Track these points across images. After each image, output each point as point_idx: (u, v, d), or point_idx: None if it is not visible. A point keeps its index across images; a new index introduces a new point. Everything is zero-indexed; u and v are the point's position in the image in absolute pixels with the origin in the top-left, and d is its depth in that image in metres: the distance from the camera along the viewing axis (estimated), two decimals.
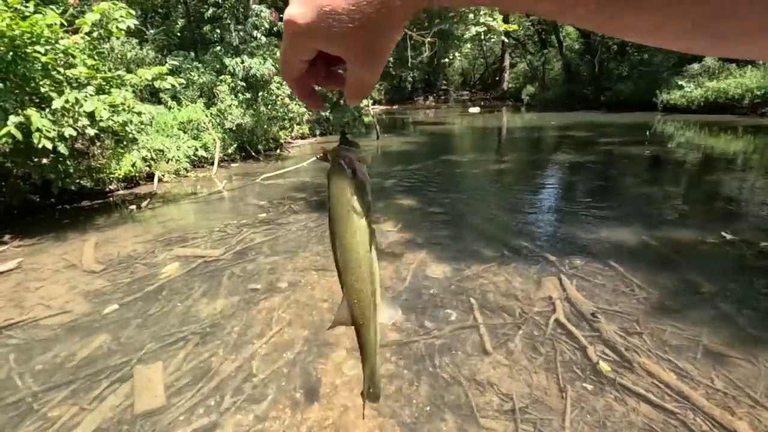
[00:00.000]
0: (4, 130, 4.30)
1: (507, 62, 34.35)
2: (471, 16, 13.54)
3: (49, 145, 4.57)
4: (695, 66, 15.68)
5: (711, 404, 2.02)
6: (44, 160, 5.25)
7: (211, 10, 10.31)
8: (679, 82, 15.75)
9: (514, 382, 2.29)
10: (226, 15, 10.44)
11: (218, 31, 10.59)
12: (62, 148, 4.84)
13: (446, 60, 31.04)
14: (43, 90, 4.71)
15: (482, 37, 15.24)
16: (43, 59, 4.50)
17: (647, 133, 11.50)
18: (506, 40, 18.38)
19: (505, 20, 14.98)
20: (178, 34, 12.61)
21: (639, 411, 2.04)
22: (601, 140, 11.11)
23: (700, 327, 2.67)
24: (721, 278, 3.30)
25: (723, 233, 4.07)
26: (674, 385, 2.16)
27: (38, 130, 4.47)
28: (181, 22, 13.22)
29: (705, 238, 4.05)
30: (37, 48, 4.48)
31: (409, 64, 25.89)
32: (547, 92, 24.52)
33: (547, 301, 3.08)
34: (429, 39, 16.85)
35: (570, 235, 4.38)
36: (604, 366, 2.39)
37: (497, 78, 36.84)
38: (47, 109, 4.75)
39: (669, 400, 2.09)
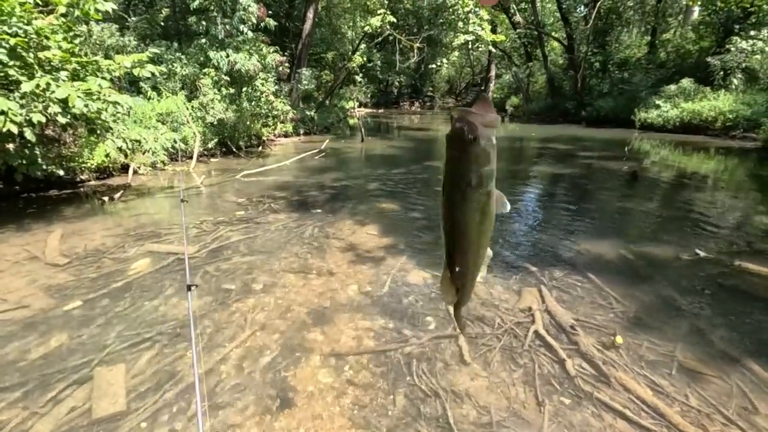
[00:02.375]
0: None
1: (493, 72, 34.86)
2: (460, 24, 13.66)
3: (15, 130, 4.32)
4: (672, 87, 16.22)
5: (686, 422, 2.03)
6: (10, 146, 4.97)
7: (197, 1, 10.05)
8: (657, 102, 16.26)
9: (492, 395, 2.26)
10: (212, 7, 10.20)
11: (204, 23, 10.33)
12: (29, 134, 4.59)
13: (433, 67, 31.26)
14: (11, 72, 4.46)
15: (470, 46, 15.40)
16: (12, 41, 4.26)
17: (626, 149, 11.80)
18: (493, 50, 18.62)
19: (493, 31, 15.18)
20: (162, 23, 12.26)
21: (615, 427, 2.03)
22: (582, 154, 11.34)
23: (675, 343, 2.70)
24: (695, 295, 3.36)
25: (697, 250, 4.16)
26: (650, 401, 2.16)
27: (3, 113, 4.23)
28: (165, 12, 12.86)
29: (680, 255, 4.14)
30: (5, 29, 4.24)
31: (397, 69, 25.96)
32: (530, 104, 24.94)
33: (526, 312, 3.06)
34: (417, 45, 16.94)
35: (550, 245, 4.41)
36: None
37: (482, 87, 37.34)
38: (16, 93, 4.50)
39: (645, 416, 2.08)
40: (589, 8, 20.84)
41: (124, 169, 7.49)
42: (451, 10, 14.92)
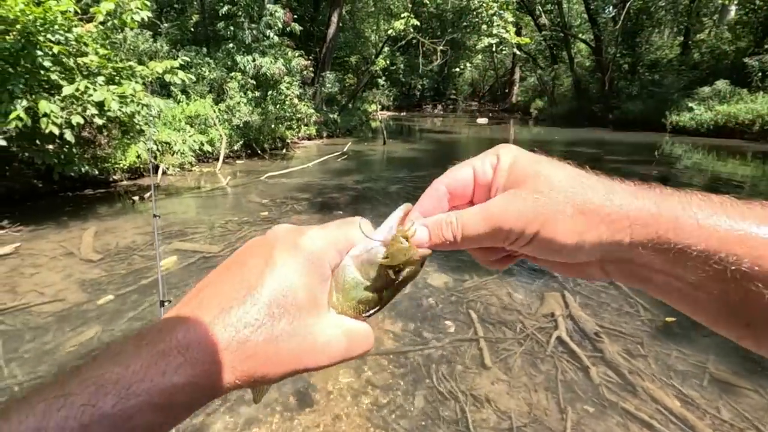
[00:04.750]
0: (14, 114, 4.29)
1: (517, 75, 34.45)
2: (484, 27, 13.57)
3: (56, 131, 4.54)
4: (706, 89, 15.63)
5: None
6: (49, 146, 5.23)
7: (226, 7, 10.35)
8: (689, 104, 15.69)
9: (513, 400, 2.22)
10: (240, 13, 10.48)
11: (232, 28, 10.62)
12: (69, 136, 4.81)
13: (457, 70, 31.16)
14: (53, 77, 4.70)
15: (494, 48, 15.27)
16: (55, 49, 4.49)
17: (656, 153, 11.44)
18: (517, 53, 18.41)
19: (518, 33, 15.01)
20: (192, 29, 12.66)
21: None
22: (608, 158, 11.06)
23: (707, 354, 2.59)
24: None
25: None
26: (679, 412, 2.09)
27: (46, 115, 4.45)
28: (195, 18, 13.28)
29: None
30: (49, 36, 4.47)
31: (420, 72, 26.00)
32: (555, 107, 24.50)
33: (549, 318, 3.01)
34: (441, 48, 16.92)
35: None
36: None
37: (506, 90, 36.94)
38: (57, 96, 4.73)
39: (673, 428, 2.01)
40: (618, 9, 20.34)
41: (154, 169, 7.75)
42: (474, 13, 14.84)
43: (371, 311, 0.37)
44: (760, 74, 14.71)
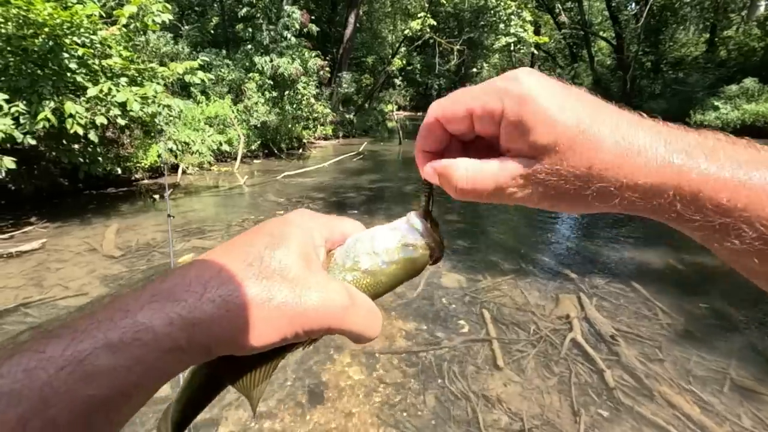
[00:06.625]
0: (41, 115, 4.46)
1: None
2: (502, 26, 13.43)
3: (81, 132, 4.70)
4: (733, 87, 15.12)
5: None
6: (75, 146, 5.41)
7: (244, 10, 10.53)
8: (715, 103, 15.21)
9: (525, 401, 2.20)
10: (259, 14, 10.64)
11: (250, 30, 10.80)
12: (93, 136, 4.98)
13: (474, 69, 30.90)
14: (78, 79, 4.87)
15: (512, 47, 15.10)
16: (80, 51, 4.65)
17: None
18: (536, 52, 18.16)
19: (537, 32, 14.80)
20: (212, 31, 12.91)
21: None
22: None
23: (728, 359, 2.52)
24: (752, 309, 3.12)
25: (755, 260, 3.86)
26: (697, 418, 2.03)
27: (71, 116, 4.62)
28: (215, 20, 13.54)
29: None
30: (75, 39, 4.63)
31: (436, 72, 25.89)
32: None
33: (564, 320, 2.96)
34: (458, 47, 16.82)
35: (591, 252, 4.23)
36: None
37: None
38: (82, 98, 4.90)
39: None
40: (640, 5, 19.87)
41: (174, 168, 7.93)
42: (492, 11, 14.71)
43: (371, 290, 0.35)
44: None
